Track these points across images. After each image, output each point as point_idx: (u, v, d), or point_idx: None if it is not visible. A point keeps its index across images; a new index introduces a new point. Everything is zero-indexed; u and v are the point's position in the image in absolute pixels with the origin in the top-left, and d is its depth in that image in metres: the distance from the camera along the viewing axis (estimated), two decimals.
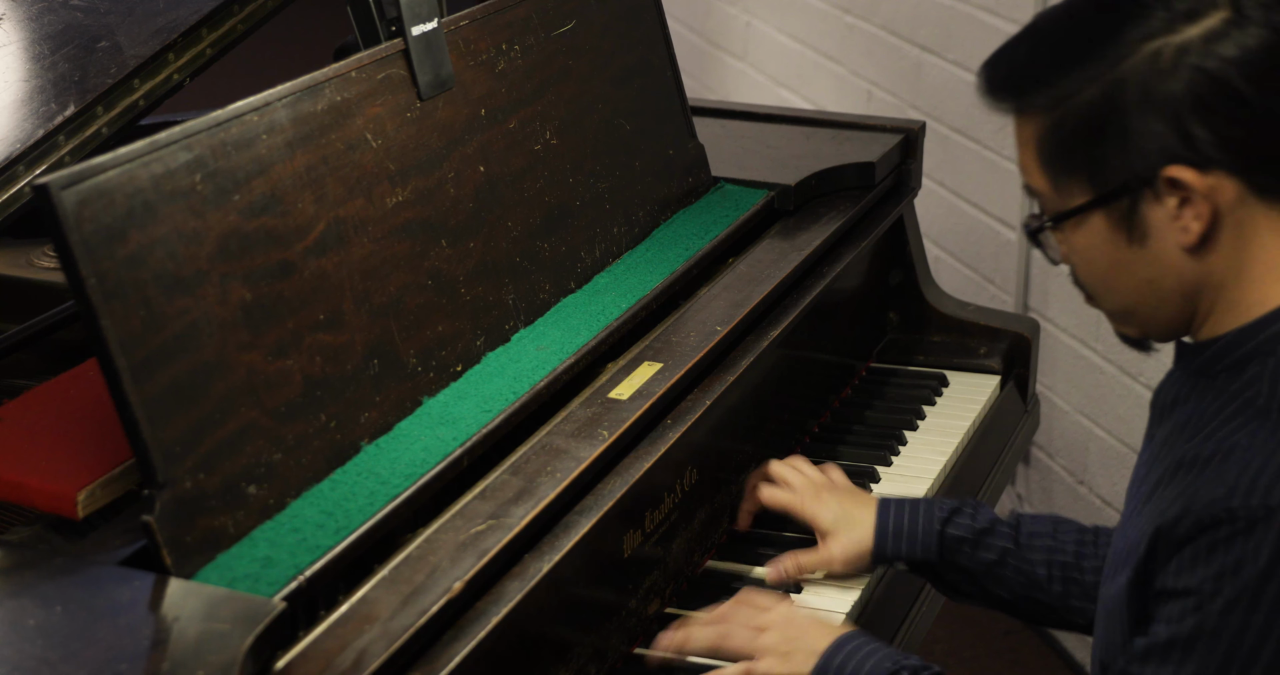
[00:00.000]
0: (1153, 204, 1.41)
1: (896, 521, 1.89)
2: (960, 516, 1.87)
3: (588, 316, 1.97)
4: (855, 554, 1.91)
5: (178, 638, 1.35)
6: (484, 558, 1.54)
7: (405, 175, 1.80)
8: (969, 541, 1.86)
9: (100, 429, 1.63)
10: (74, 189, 1.42)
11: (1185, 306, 1.46)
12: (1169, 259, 1.43)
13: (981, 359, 2.57)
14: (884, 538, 1.89)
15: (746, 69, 4.56)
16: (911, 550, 1.88)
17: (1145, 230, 1.42)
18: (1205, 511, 1.38)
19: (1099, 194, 1.43)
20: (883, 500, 1.92)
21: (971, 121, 3.37)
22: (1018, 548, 1.84)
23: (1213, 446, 1.41)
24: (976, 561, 1.86)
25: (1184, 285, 1.44)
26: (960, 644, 3.23)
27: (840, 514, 1.93)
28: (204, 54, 2.00)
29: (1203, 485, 1.40)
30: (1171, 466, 1.45)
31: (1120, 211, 1.42)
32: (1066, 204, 1.45)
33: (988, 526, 1.86)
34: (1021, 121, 1.47)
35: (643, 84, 2.27)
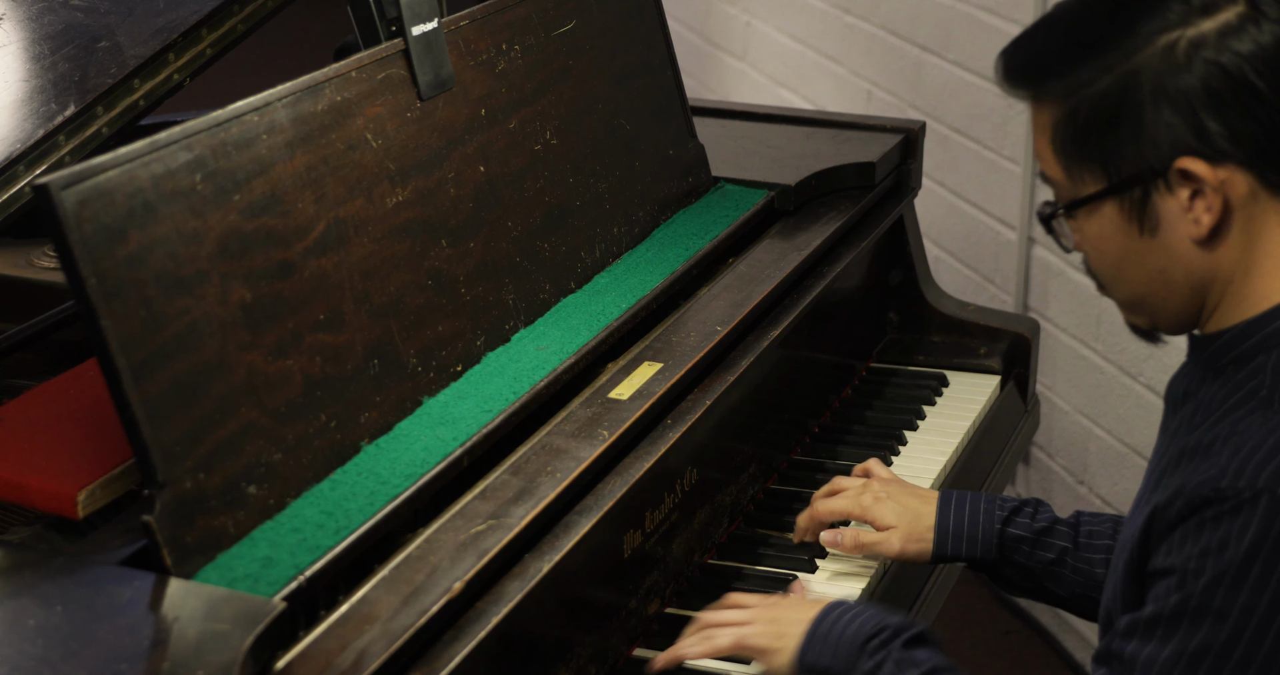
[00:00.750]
0: (1165, 195, 1.42)
1: (957, 521, 1.90)
2: (1020, 516, 1.88)
3: (588, 316, 1.97)
4: (916, 551, 1.91)
5: (178, 638, 1.35)
6: (484, 558, 1.54)
7: (405, 175, 1.80)
8: (1028, 540, 1.86)
9: (100, 429, 1.63)
10: (74, 189, 1.42)
11: (1194, 298, 1.48)
12: (1179, 250, 1.44)
13: (981, 359, 2.57)
14: (944, 537, 1.90)
15: (746, 69, 4.56)
16: (972, 550, 1.89)
17: (1156, 221, 1.44)
18: (1195, 492, 1.39)
19: (1112, 183, 1.44)
20: (944, 495, 1.92)
21: (971, 121, 3.37)
22: (1076, 548, 1.85)
23: (1213, 435, 1.43)
24: (1035, 560, 1.86)
25: (1193, 277, 1.46)
26: (960, 644, 3.23)
27: (902, 511, 1.93)
28: (204, 54, 2.00)
29: (1197, 469, 1.41)
30: (1175, 456, 1.47)
31: (1132, 201, 1.44)
32: (1080, 192, 1.47)
33: (1047, 526, 1.86)
34: (1038, 109, 1.48)
35: (643, 84, 2.27)
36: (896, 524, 1.92)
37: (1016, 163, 3.21)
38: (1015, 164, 3.22)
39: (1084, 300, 3.06)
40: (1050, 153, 1.48)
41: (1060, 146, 1.46)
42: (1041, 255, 3.19)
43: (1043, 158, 1.50)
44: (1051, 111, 1.46)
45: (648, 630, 1.84)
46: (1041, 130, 1.48)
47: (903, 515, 1.92)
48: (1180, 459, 1.45)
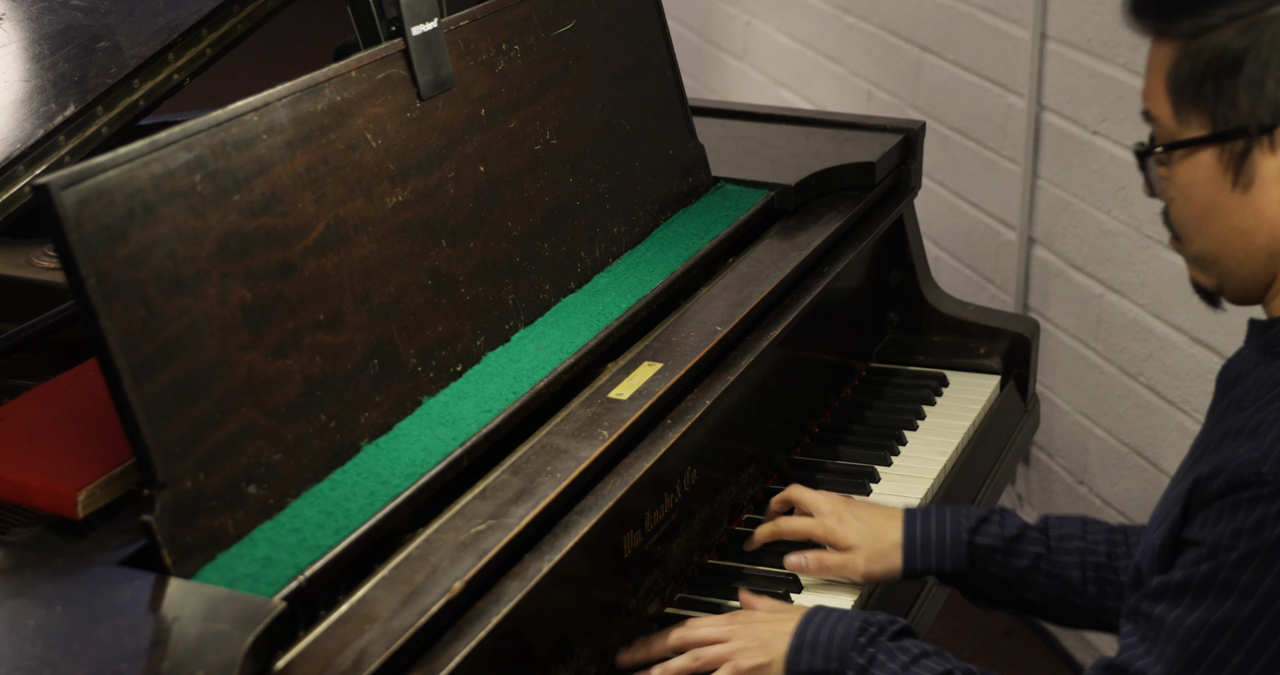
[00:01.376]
0: (1266, 153, 1.43)
1: (924, 534, 1.89)
2: (988, 525, 1.87)
3: (588, 316, 1.97)
4: (882, 570, 1.90)
5: (178, 638, 1.35)
6: (484, 558, 1.54)
7: (405, 175, 1.80)
8: (1000, 549, 1.86)
9: (100, 429, 1.63)
10: (74, 189, 1.42)
11: (1270, 266, 1.47)
12: (1267, 213, 1.44)
13: (981, 359, 2.57)
14: (913, 552, 1.89)
15: (746, 69, 4.56)
16: (941, 563, 1.88)
17: (1251, 178, 1.44)
18: (1236, 472, 1.41)
19: (1216, 131, 1.44)
20: (908, 512, 1.91)
21: (971, 121, 3.37)
22: (1049, 552, 1.85)
23: (1260, 417, 1.44)
24: (1009, 569, 1.86)
25: (1275, 243, 1.46)
26: (960, 644, 3.23)
27: (865, 530, 1.91)
28: (204, 54, 2.00)
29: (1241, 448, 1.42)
30: (1219, 436, 1.48)
31: (1232, 153, 1.44)
32: (1182, 134, 1.46)
33: (1018, 533, 1.86)
34: (1158, 45, 1.47)
35: (643, 84, 2.27)
36: (859, 543, 1.91)
37: (1016, 163, 3.21)
38: (1015, 164, 3.22)
39: (1084, 300, 3.06)
40: (1162, 90, 1.47)
41: (1173, 85, 1.45)
42: (1041, 255, 3.19)
43: (1151, 96, 1.49)
44: (1171, 48, 1.45)
45: (648, 630, 1.84)
46: (1156, 67, 1.47)
47: (865, 535, 1.91)
48: (1224, 439, 1.46)
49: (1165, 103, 1.47)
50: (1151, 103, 1.49)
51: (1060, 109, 3.06)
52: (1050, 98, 3.09)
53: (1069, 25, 3.00)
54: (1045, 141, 3.13)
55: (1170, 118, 1.47)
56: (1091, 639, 3.13)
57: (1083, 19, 2.96)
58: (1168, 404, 2.85)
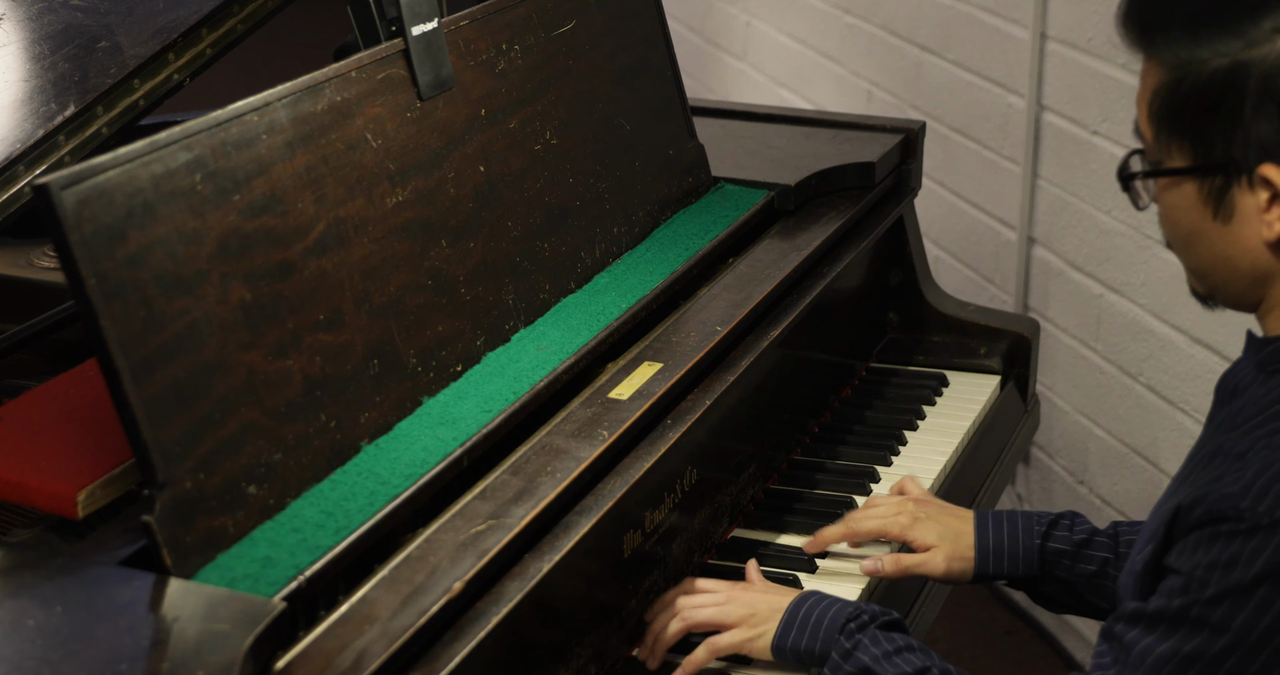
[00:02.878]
0: (1245, 191, 1.42)
1: (997, 539, 1.89)
2: (1058, 529, 1.87)
3: (588, 316, 1.97)
4: (960, 568, 1.90)
5: (178, 638, 1.35)
6: (484, 558, 1.54)
7: (405, 175, 1.80)
8: (1068, 554, 1.86)
9: (100, 429, 1.63)
10: (74, 189, 1.42)
11: (1255, 287, 1.47)
12: (1248, 244, 1.44)
13: (981, 359, 2.57)
14: (985, 557, 1.89)
15: (746, 69, 4.56)
16: (1014, 568, 1.88)
17: (1231, 212, 1.43)
18: (1216, 504, 1.40)
19: (1196, 164, 1.43)
20: (979, 515, 1.92)
21: (971, 121, 3.37)
22: (1117, 557, 1.85)
23: (1247, 443, 1.43)
24: (1076, 574, 1.86)
25: (1258, 271, 1.45)
26: (960, 644, 3.23)
27: (943, 531, 1.91)
28: (204, 54, 2.00)
29: (1225, 475, 1.42)
30: (1210, 453, 1.47)
31: (1212, 187, 1.43)
32: (1164, 161, 1.46)
33: (1086, 538, 1.86)
34: (1147, 64, 1.47)
35: (643, 84, 2.27)
36: (938, 543, 1.90)
37: (1016, 163, 3.21)
38: (1015, 164, 3.22)
39: (1084, 300, 3.06)
40: (1146, 112, 1.47)
41: (1155, 113, 1.45)
42: (1041, 255, 3.19)
43: (1140, 111, 1.48)
44: (1158, 74, 1.44)
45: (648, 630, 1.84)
46: (1145, 87, 1.47)
47: (944, 534, 1.91)
48: (1212, 458, 1.46)
49: (1148, 125, 1.47)
50: (1140, 118, 1.49)
51: (1060, 109, 3.06)
52: (1050, 98, 3.09)
53: (1069, 25, 3.00)
54: (1045, 141, 3.13)
55: (1152, 142, 1.47)
56: (1091, 639, 3.13)
57: (1083, 19, 2.96)
58: (1168, 404, 2.85)
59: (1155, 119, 1.45)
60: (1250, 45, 1.39)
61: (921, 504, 1.96)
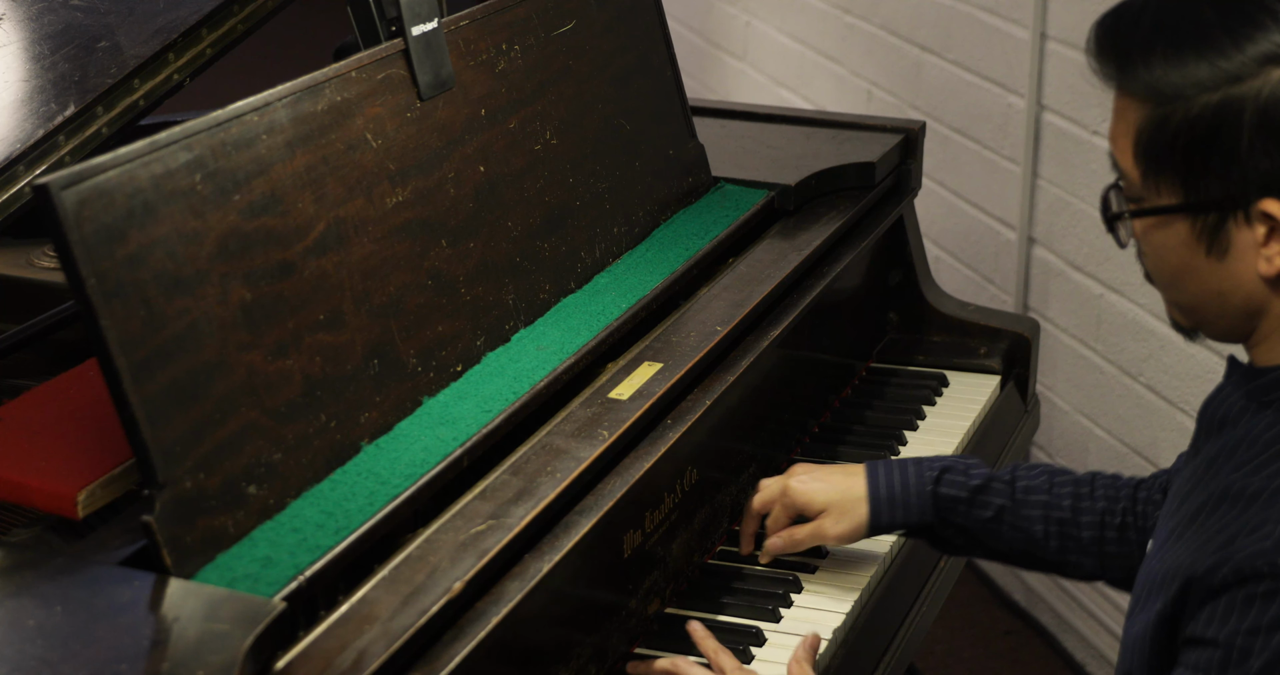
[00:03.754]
0: (1241, 226, 1.38)
1: (889, 488, 1.87)
2: (952, 474, 1.85)
3: (588, 316, 1.97)
4: (851, 528, 1.88)
5: (178, 638, 1.35)
6: (484, 558, 1.54)
7: (405, 175, 1.80)
8: (963, 500, 1.84)
9: (100, 429, 1.63)
10: (74, 189, 1.42)
11: (1246, 323, 1.44)
12: (1243, 279, 1.40)
13: (981, 359, 2.57)
14: (878, 506, 1.87)
15: (746, 69, 4.56)
16: (908, 516, 1.86)
17: (1226, 248, 1.39)
18: (1246, 562, 1.34)
19: (1189, 202, 1.39)
20: (870, 466, 1.90)
21: (971, 121, 3.37)
22: (1014, 504, 1.83)
23: (1260, 483, 1.38)
24: (972, 519, 1.84)
25: (1250, 305, 1.42)
26: (960, 644, 3.23)
27: (830, 490, 1.89)
28: (204, 54, 2.00)
29: (1245, 531, 1.36)
30: (1216, 495, 1.42)
31: (1206, 224, 1.39)
32: (1153, 201, 1.41)
33: (982, 483, 1.84)
34: (1123, 99, 1.42)
35: (643, 84, 2.27)
36: (825, 505, 1.88)
37: (1016, 163, 3.21)
38: (1015, 164, 3.22)
39: (1084, 300, 3.06)
40: (1129, 149, 1.42)
41: (1142, 152, 1.40)
42: (1041, 255, 3.19)
43: (1118, 147, 1.43)
44: (1139, 110, 1.40)
45: (648, 630, 1.84)
46: (1124, 122, 1.42)
47: (829, 493, 1.89)
48: (1221, 501, 1.41)
49: (1133, 164, 1.42)
50: (1119, 155, 1.44)
51: (1060, 109, 3.06)
52: (1050, 98, 3.09)
53: (1069, 25, 3.00)
54: (1045, 141, 3.13)
55: (1138, 180, 1.42)
56: (1091, 639, 3.13)
57: (1083, 19, 2.96)
58: (1168, 404, 2.85)
59: (1142, 158, 1.40)
60: (1239, 78, 1.34)
61: (813, 467, 1.93)
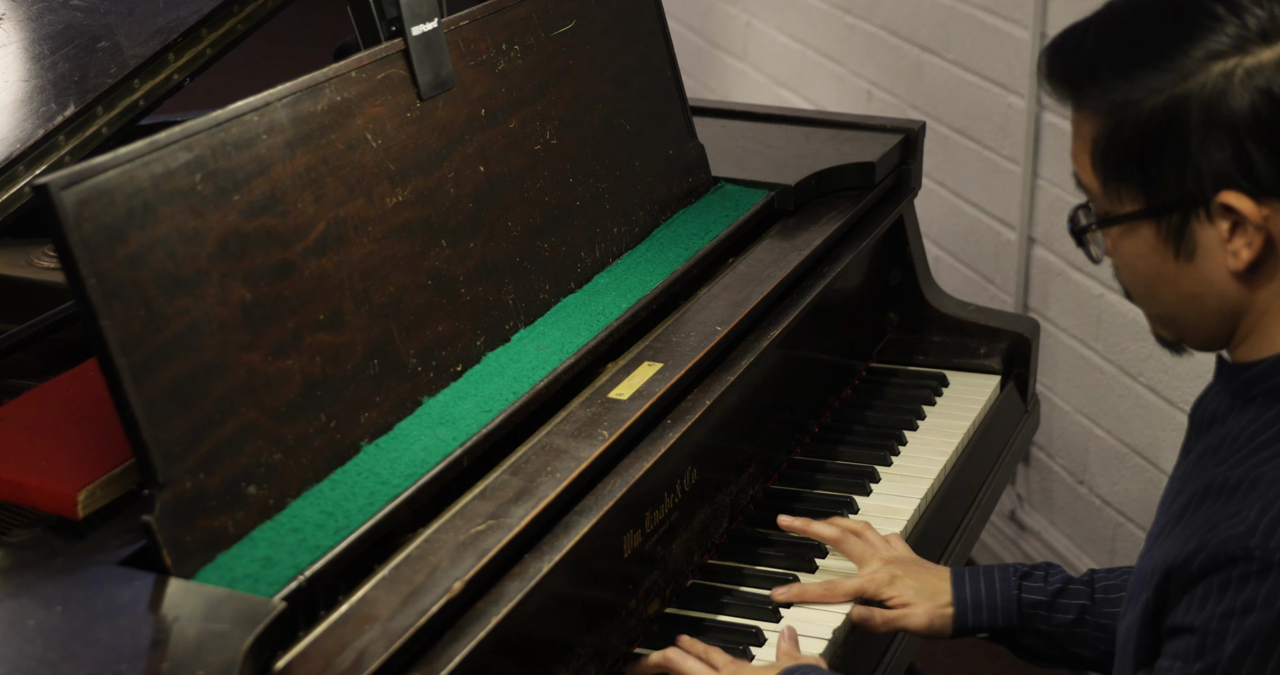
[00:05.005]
0: (1204, 224, 1.38)
1: (974, 592, 1.86)
2: (1033, 580, 1.85)
3: (588, 316, 1.97)
4: (941, 624, 1.88)
5: (178, 638, 1.35)
6: (484, 558, 1.54)
7: (405, 175, 1.80)
8: (1045, 604, 1.83)
9: (100, 429, 1.63)
10: (74, 189, 1.42)
11: (1226, 324, 1.44)
12: (1214, 279, 1.40)
13: (981, 359, 2.57)
14: (964, 610, 1.86)
15: (746, 69, 4.56)
16: (993, 620, 1.86)
17: (1193, 248, 1.39)
18: (1221, 548, 1.35)
19: (1150, 206, 1.40)
20: (956, 572, 1.89)
21: (971, 121, 3.37)
22: (1094, 604, 1.81)
23: (1240, 475, 1.39)
24: (1054, 624, 1.83)
25: (1227, 305, 1.42)
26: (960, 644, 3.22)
27: (920, 588, 1.89)
28: (204, 54, 2.00)
29: (1222, 519, 1.37)
30: (1200, 490, 1.43)
31: (1170, 226, 1.39)
32: (1116, 209, 1.42)
33: (1061, 587, 1.83)
34: (1079, 116, 1.43)
35: (643, 84, 2.27)
36: (915, 600, 1.88)
37: (1016, 163, 3.21)
38: (1015, 164, 3.22)
39: (1084, 300, 3.06)
40: (1088, 163, 1.43)
41: (1100, 162, 1.41)
42: (1041, 255, 3.19)
43: (1079, 163, 1.45)
44: (1093, 123, 1.41)
45: (648, 630, 1.84)
46: (1081, 138, 1.43)
47: (921, 591, 1.88)
48: (1205, 496, 1.41)
49: (1093, 176, 1.43)
50: (1080, 171, 1.45)
51: (1060, 109, 3.06)
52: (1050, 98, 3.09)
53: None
54: (1045, 141, 3.13)
55: (1100, 192, 1.43)
56: None
57: None
58: (1168, 404, 2.84)
59: (1100, 168, 1.41)
60: (1184, 77, 1.35)
61: (898, 562, 1.92)
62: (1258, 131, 1.34)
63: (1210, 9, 1.36)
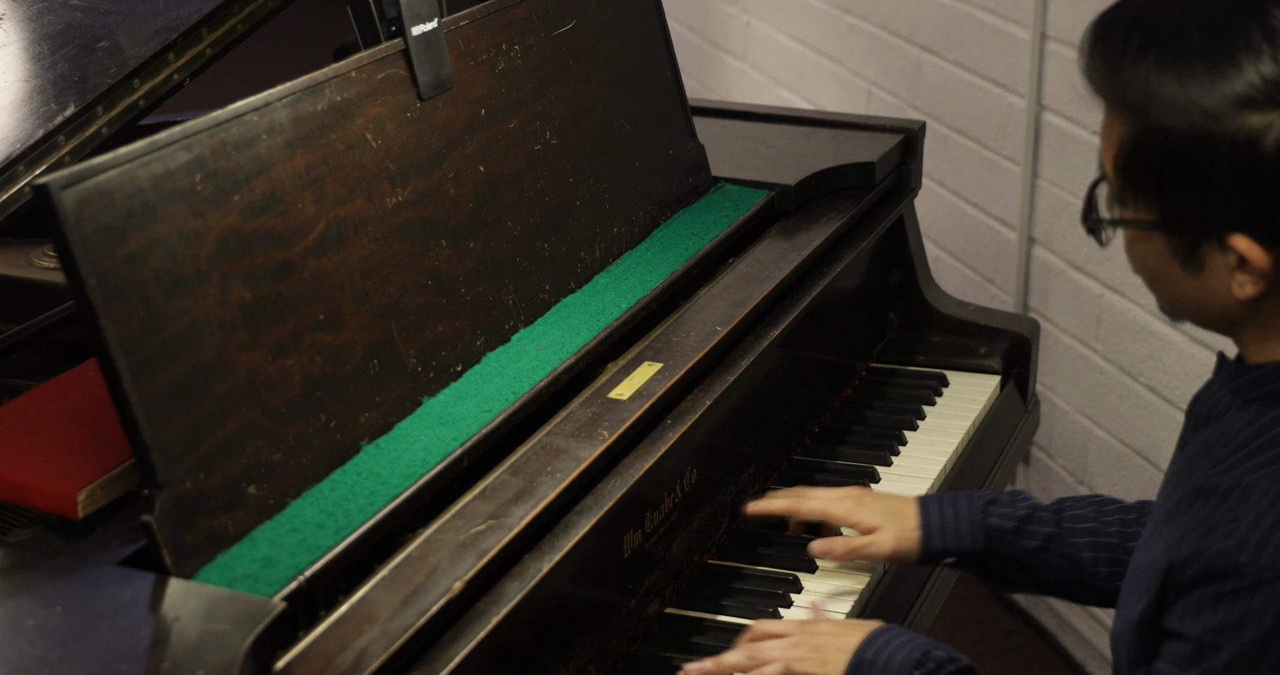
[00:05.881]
0: (1214, 249, 1.39)
1: (940, 516, 1.90)
2: (998, 506, 1.88)
3: (588, 316, 1.97)
4: (908, 547, 1.91)
5: (178, 638, 1.35)
6: (484, 558, 1.54)
7: (405, 175, 1.80)
8: (1011, 530, 1.86)
9: (100, 429, 1.63)
10: (74, 189, 1.42)
11: (1228, 327, 1.46)
12: (1217, 293, 1.42)
13: (981, 359, 2.57)
14: (929, 533, 1.90)
15: (746, 69, 4.56)
16: (959, 543, 1.89)
17: (1201, 265, 1.41)
18: (1214, 560, 1.37)
19: (1164, 219, 1.41)
20: (922, 498, 1.93)
21: (971, 121, 3.37)
22: (1060, 532, 1.84)
23: (1232, 480, 1.40)
24: (1021, 549, 1.86)
25: (1229, 314, 1.44)
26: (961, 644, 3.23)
27: (887, 511, 1.93)
28: (204, 54, 2.00)
29: (1216, 527, 1.38)
30: (1192, 491, 1.44)
31: (1180, 243, 1.41)
32: (1131, 208, 1.43)
33: (1028, 513, 1.86)
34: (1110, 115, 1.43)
35: (643, 84, 2.27)
36: (883, 523, 1.92)
37: (1016, 163, 3.21)
38: (1015, 164, 3.22)
39: (1084, 300, 3.06)
40: (1111, 160, 1.44)
41: (1122, 167, 1.42)
42: (1041, 255, 3.19)
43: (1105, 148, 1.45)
44: (1123, 127, 1.41)
45: (648, 630, 1.84)
46: (1109, 135, 1.43)
47: (888, 514, 1.93)
48: (1196, 497, 1.43)
49: (1114, 173, 1.44)
50: (1105, 155, 1.45)
51: (1060, 109, 3.06)
52: (1050, 98, 3.09)
53: (1069, 25, 3.00)
54: (1045, 141, 3.13)
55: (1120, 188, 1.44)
56: (1091, 639, 3.13)
57: (1083, 19, 2.95)
58: (1168, 404, 2.85)
59: (1123, 171, 1.42)
60: (1217, 117, 1.35)
61: (863, 492, 1.99)
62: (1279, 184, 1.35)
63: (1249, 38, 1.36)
